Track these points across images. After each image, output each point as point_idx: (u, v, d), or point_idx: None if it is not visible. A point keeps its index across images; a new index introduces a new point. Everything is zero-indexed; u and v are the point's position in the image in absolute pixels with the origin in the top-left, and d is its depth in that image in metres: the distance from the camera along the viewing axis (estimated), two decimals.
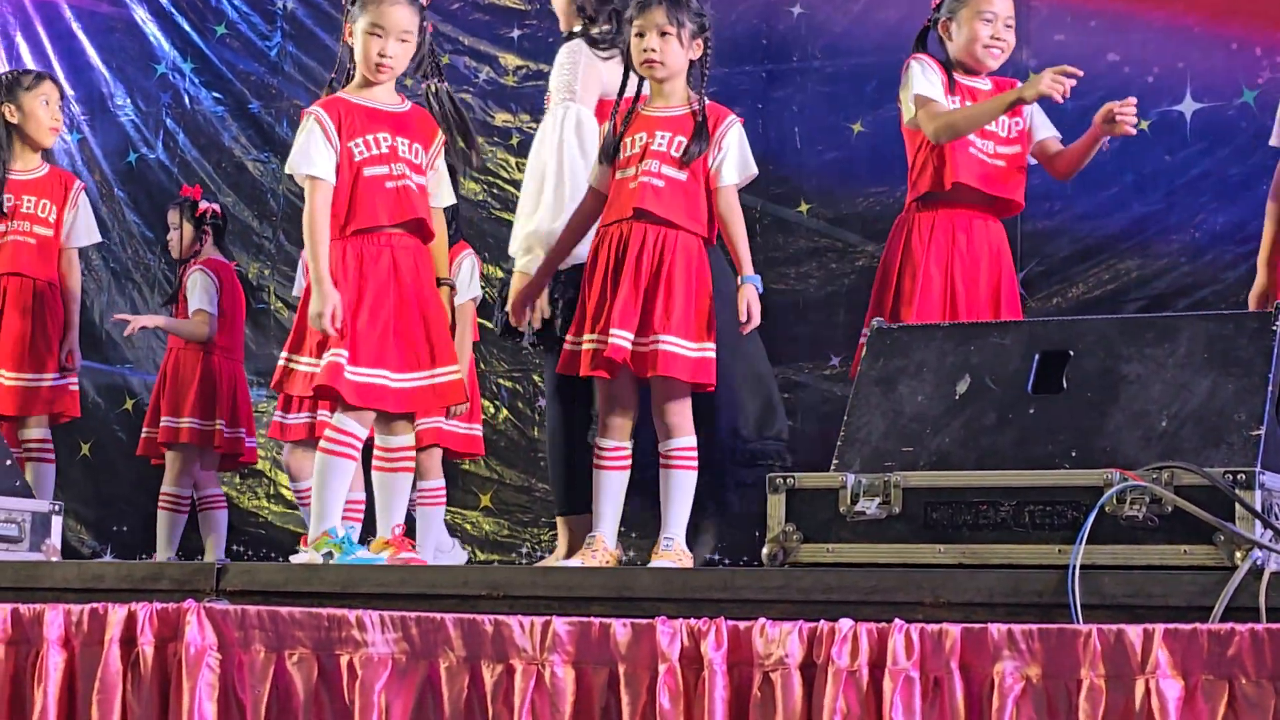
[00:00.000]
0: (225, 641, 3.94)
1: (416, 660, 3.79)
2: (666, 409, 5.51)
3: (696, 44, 5.61)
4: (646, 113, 5.65)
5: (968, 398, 3.86)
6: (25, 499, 5.30)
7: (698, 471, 5.50)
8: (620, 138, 5.62)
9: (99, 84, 9.62)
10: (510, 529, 8.58)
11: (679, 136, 5.53)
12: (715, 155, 5.52)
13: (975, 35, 5.79)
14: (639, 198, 5.47)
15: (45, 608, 4.10)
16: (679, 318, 5.40)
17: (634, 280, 5.44)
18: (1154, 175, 7.43)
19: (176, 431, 7.90)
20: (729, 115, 5.60)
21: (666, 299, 5.41)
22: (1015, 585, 3.48)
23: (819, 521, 3.78)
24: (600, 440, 5.56)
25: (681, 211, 5.49)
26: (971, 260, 5.70)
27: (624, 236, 5.50)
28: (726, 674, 3.51)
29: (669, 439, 5.51)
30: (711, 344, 5.46)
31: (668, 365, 5.39)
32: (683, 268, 5.45)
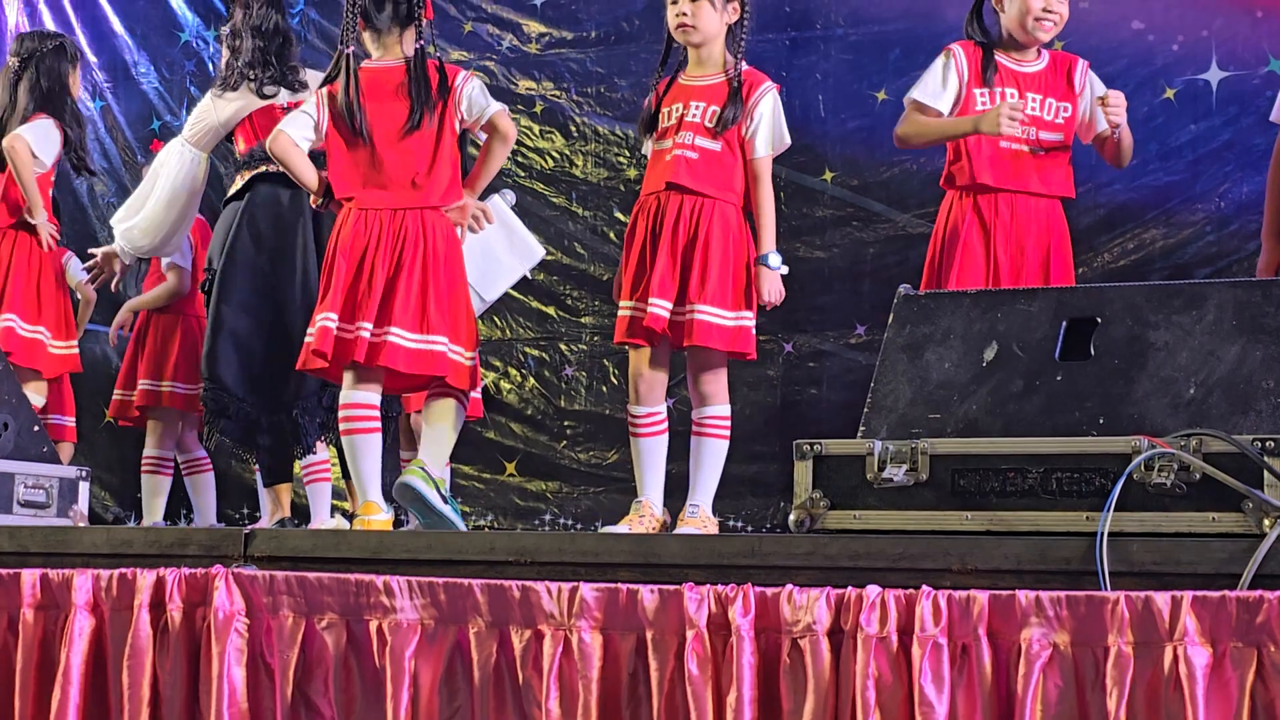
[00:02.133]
0: (254, 607, 3.96)
1: (445, 626, 3.79)
2: (702, 378, 5.53)
3: (732, 7, 5.61)
4: (684, 82, 5.66)
5: (995, 365, 3.85)
6: (52, 465, 5.32)
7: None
8: (658, 109, 5.63)
9: (122, 51, 9.63)
10: (535, 496, 8.59)
11: (713, 106, 5.53)
12: (748, 125, 5.52)
13: (1028, 7, 5.66)
14: (672, 171, 5.49)
15: (74, 573, 4.11)
16: (714, 287, 5.42)
17: (670, 250, 5.45)
18: (1179, 145, 7.42)
19: (157, 395, 7.87)
20: (764, 83, 5.59)
21: (703, 269, 5.42)
22: (1043, 552, 3.47)
23: (846, 488, 3.78)
24: (633, 407, 5.57)
25: (715, 182, 5.50)
26: (1015, 236, 5.62)
27: (661, 207, 5.51)
28: (754, 640, 3.51)
29: (703, 406, 5.53)
30: (749, 313, 5.47)
31: (704, 335, 5.41)
32: (719, 237, 5.46)
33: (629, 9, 8.61)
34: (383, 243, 5.36)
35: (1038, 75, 5.69)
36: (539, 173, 8.67)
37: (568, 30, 8.77)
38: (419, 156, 5.43)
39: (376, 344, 5.31)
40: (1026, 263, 5.57)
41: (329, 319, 5.34)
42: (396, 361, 5.30)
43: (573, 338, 8.50)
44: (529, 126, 8.69)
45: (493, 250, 6.17)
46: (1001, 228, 5.61)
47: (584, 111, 8.62)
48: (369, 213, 5.41)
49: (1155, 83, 7.45)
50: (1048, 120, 5.65)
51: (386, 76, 5.47)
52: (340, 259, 5.39)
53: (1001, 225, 5.61)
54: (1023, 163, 5.62)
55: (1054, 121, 5.66)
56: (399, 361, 5.30)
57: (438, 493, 5.31)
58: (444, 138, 5.45)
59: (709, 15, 5.59)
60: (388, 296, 5.33)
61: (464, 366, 5.42)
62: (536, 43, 8.83)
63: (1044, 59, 5.74)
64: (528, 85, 8.78)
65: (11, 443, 5.23)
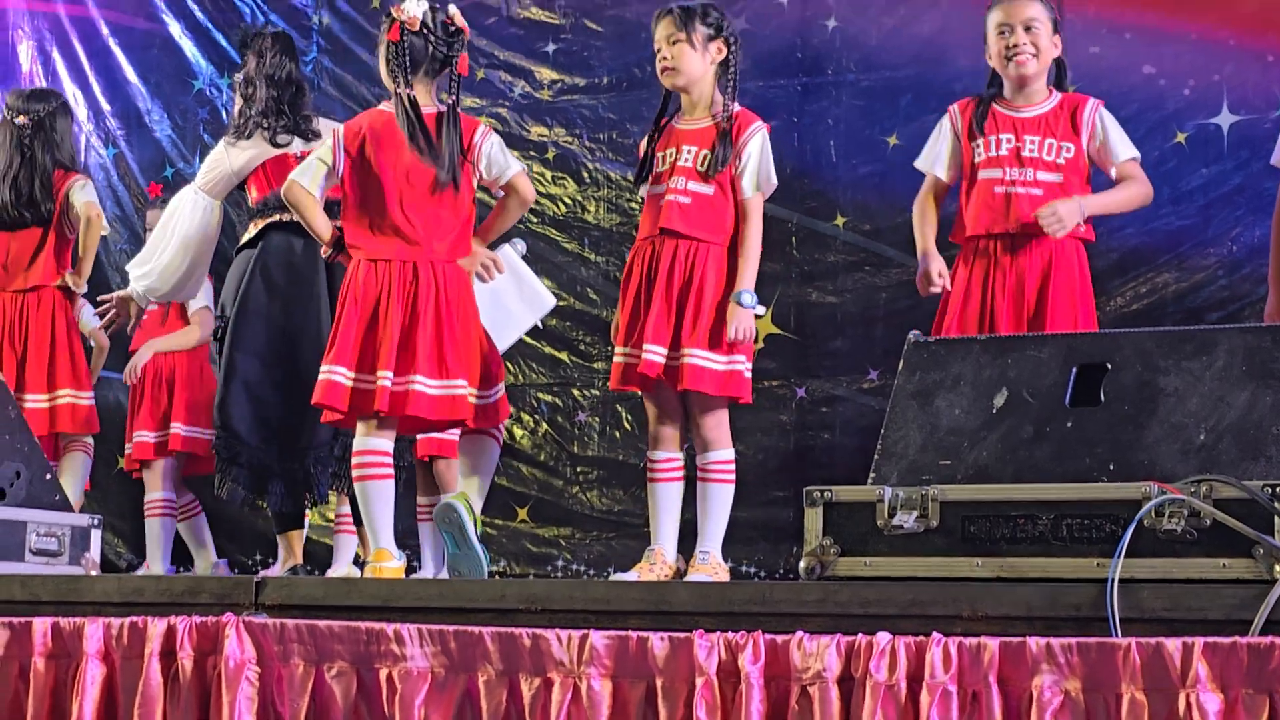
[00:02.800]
0: (264, 655, 3.95)
1: (455, 674, 3.79)
2: (702, 422, 5.53)
3: (716, 46, 5.62)
4: (678, 126, 5.68)
5: (1005, 411, 3.85)
6: (65, 513, 5.32)
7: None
8: (651, 154, 5.65)
9: (135, 99, 9.66)
10: (546, 542, 8.58)
11: (704, 150, 5.55)
12: (737, 165, 5.54)
13: (995, 50, 5.74)
14: (665, 216, 5.51)
15: (85, 621, 4.11)
16: (705, 331, 5.42)
17: (665, 295, 5.46)
18: (1190, 189, 7.42)
19: (166, 439, 7.84)
20: (754, 123, 5.59)
21: (695, 313, 5.44)
22: (1053, 598, 3.47)
23: (856, 535, 3.78)
24: (651, 453, 5.58)
25: (708, 226, 5.51)
26: (1014, 279, 5.62)
27: (655, 252, 5.54)
28: (764, 688, 3.50)
29: (705, 451, 5.53)
30: (741, 356, 5.47)
31: (696, 379, 5.41)
32: (713, 281, 5.48)
33: (640, 55, 8.63)
34: (395, 292, 5.37)
35: (1038, 118, 5.71)
36: (551, 219, 8.68)
37: (580, 76, 8.80)
38: (432, 208, 5.44)
39: (400, 393, 5.32)
40: (1026, 304, 5.58)
41: (338, 372, 5.36)
42: (422, 409, 5.33)
43: (585, 383, 8.51)
44: (541, 173, 8.70)
45: (503, 300, 6.19)
46: (1000, 273, 5.63)
47: (596, 157, 8.64)
48: (379, 263, 5.42)
49: (1167, 127, 7.46)
50: (1047, 161, 5.67)
51: (407, 125, 5.49)
52: (351, 310, 5.40)
53: (1000, 270, 5.63)
54: (1019, 205, 5.64)
55: (1054, 162, 5.67)
56: (424, 409, 5.33)
57: (475, 528, 5.35)
58: (460, 191, 5.47)
59: (689, 57, 5.60)
60: (406, 345, 5.34)
61: (483, 407, 5.45)
62: (548, 89, 8.85)
63: (1053, 100, 5.75)
64: (540, 131, 8.81)
65: (24, 491, 5.23)
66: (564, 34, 8.87)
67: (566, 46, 8.86)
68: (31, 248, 7.26)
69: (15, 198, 7.22)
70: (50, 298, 7.28)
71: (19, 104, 7.39)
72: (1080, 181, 5.71)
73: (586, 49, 8.82)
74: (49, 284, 7.29)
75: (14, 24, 9.92)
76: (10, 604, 4.39)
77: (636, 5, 8.69)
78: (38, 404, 7.12)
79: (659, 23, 5.66)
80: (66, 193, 7.26)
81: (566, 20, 8.87)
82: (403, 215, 5.44)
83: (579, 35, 8.83)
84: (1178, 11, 7.49)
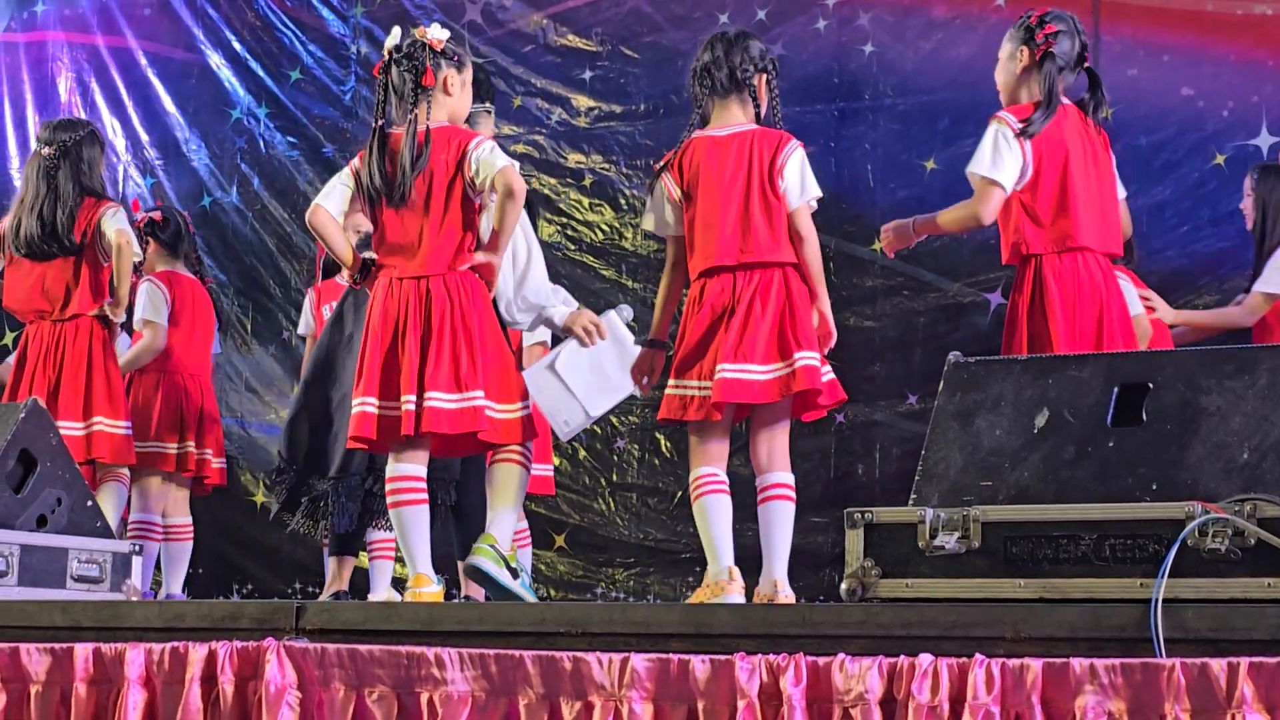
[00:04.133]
0: (305, 680, 3.95)
1: (496, 698, 3.78)
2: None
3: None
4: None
5: (1046, 431, 3.84)
6: (106, 539, 5.33)
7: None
8: None
9: (173, 129, 9.72)
10: (585, 570, 8.58)
11: None
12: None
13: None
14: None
15: (127, 647, 4.11)
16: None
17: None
18: (1230, 210, 7.40)
19: (140, 457, 7.74)
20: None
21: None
22: (1097, 619, 3.45)
23: (898, 556, 3.76)
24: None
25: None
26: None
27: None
28: (806, 710, 3.49)
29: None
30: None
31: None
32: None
33: (677, 82, 8.64)
34: (411, 313, 5.37)
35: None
36: (589, 245, 8.70)
37: (616, 104, 8.81)
38: (424, 223, 5.44)
39: (420, 412, 5.31)
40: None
41: (368, 404, 5.37)
42: (440, 425, 5.30)
43: (624, 410, 8.50)
44: (578, 200, 8.72)
45: (602, 366, 6.17)
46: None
47: (633, 184, 8.66)
48: (394, 282, 5.43)
49: (1206, 149, 7.45)
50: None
51: (395, 145, 5.51)
52: (373, 340, 5.41)
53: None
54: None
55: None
56: (442, 424, 5.31)
57: (507, 568, 5.31)
58: (451, 204, 5.45)
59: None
60: (422, 364, 5.34)
61: (504, 421, 5.41)
62: (585, 116, 8.87)
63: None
64: (577, 159, 8.83)
65: (65, 518, 5.25)
66: (601, 61, 8.89)
67: (603, 74, 8.88)
68: (66, 277, 7.27)
69: (41, 229, 7.23)
70: (87, 326, 7.28)
71: (46, 134, 7.40)
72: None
73: (623, 76, 8.84)
74: (85, 313, 7.30)
75: (54, 56, 9.98)
76: (52, 630, 4.39)
77: (673, 32, 8.71)
78: (73, 431, 7.12)
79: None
80: (98, 221, 7.26)
81: (604, 48, 8.89)
82: (402, 234, 5.45)
83: (616, 62, 8.86)
84: (1215, 33, 7.48)
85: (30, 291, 7.29)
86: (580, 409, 6.07)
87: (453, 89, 5.59)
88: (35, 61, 10.00)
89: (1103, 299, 5.52)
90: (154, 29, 9.83)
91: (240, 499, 9.29)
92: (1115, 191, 5.67)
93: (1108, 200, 5.64)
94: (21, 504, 5.15)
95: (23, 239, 7.24)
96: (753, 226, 5.47)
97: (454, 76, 5.59)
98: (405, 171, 5.42)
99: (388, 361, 5.39)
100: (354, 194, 5.52)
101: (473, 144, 5.47)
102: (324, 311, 7.91)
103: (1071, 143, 5.62)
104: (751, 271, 5.46)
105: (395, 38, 5.56)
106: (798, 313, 5.42)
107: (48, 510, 5.22)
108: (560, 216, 8.70)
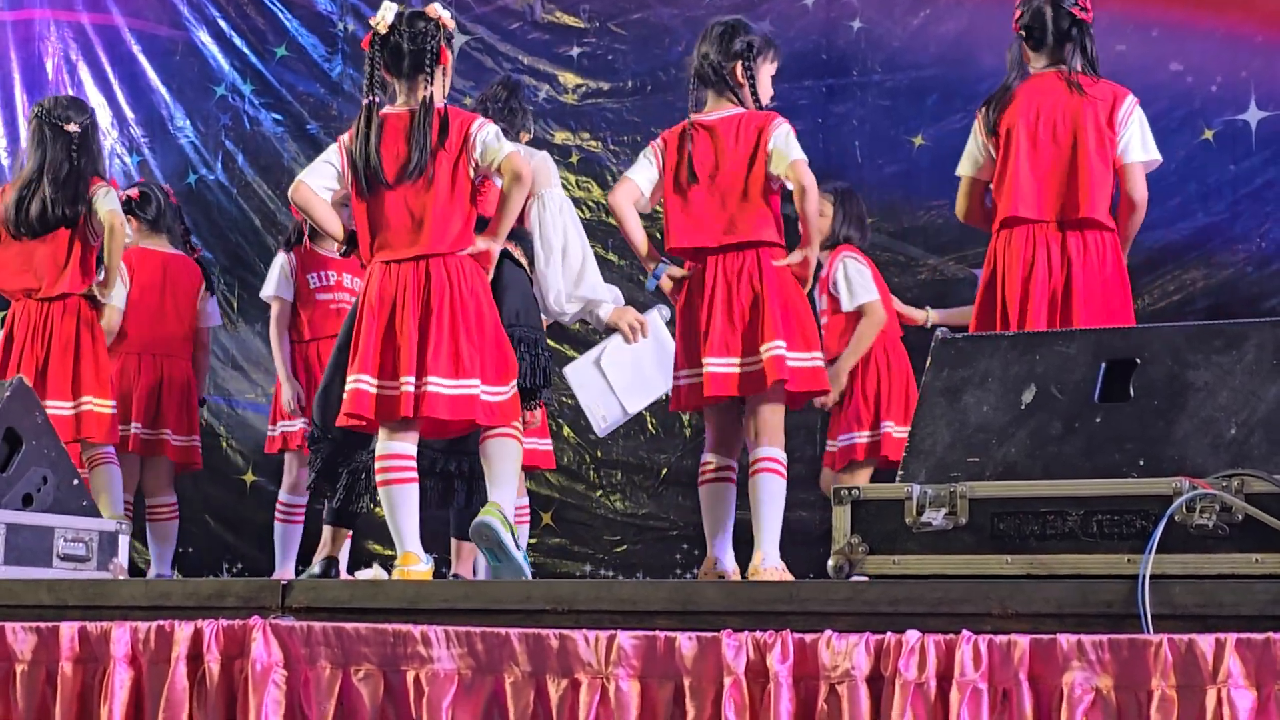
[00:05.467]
0: (291, 658, 3.94)
1: (482, 675, 3.78)
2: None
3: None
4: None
5: (1033, 407, 3.83)
6: (92, 518, 5.32)
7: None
8: None
9: (159, 106, 9.69)
10: (573, 546, 8.57)
11: None
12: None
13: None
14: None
15: (112, 625, 4.10)
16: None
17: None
18: (1218, 185, 7.40)
19: (124, 440, 7.76)
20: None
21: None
22: (1084, 595, 3.44)
23: (885, 533, 3.76)
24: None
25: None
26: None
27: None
28: (792, 687, 3.49)
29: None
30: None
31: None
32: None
33: (665, 59, 8.63)
34: (409, 295, 5.35)
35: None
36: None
37: (604, 81, 8.80)
38: (430, 203, 5.40)
39: (418, 395, 5.31)
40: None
41: (364, 382, 5.35)
42: (438, 410, 5.31)
43: None
44: (566, 177, 8.70)
45: (642, 364, 6.22)
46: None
47: (620, 161, 8.64)
48: (391, 266, 5.41)
49: (1194, 123, 7.44)
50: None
51: (399, 123, 5.48)
52: (369, 318, 5.39)
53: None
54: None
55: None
56: (440, 409, 5.31)
57: (512, 537, 5.35)
58: (456, 184, 5.43)
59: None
60: (421, 347, 5.32)
61: (498, 404, 5.42)
62: (573, 93, 8.86)
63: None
64: (564, 136, 8.81)
65: (51, 496, 5.23)
66: (588, 38, 8.87)
67: (591, 50, 8.87)
68: (56, 255, 7.24)
69: (54, 205, 7.18)
70: (74, 305, 7.26)
71: (64, 112, 7.33)
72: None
73: (611, 53, 8.82)
74: (74, 292, 7.27)
75: (40, 34, 9.95)
76: (38, 609, 4.39)
77: (661, 9, 8.69)
78: (62, 411, 7.10)
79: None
80: (91, 200, 7.23)
81: (591, 24, 8.88)
82: (397, 210, 5.42)
83: (603, 39, 8.84)
84: (1204, 8, 7.47)
85: (19, 269, 7.26)
86: (619, 405, 6.13)
87: (449, 70, 5.59)
88: (22, 40, 9.96)
89: (1029, 271, 5.68)
90: (139, 6, 9.79)
91: (230, 478, 9.29)
92: (1090, 153, 5.69)
93: (1075, 166, 5.69)
94: (7, 483, 5.15)
95: (27, 215, 7.19)
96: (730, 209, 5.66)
97: (449, 57, 5.58)
98: (423, 150, 5.39)
99: (385, 341, 5.38)
100: (340, 172, 5.50)
101: (475, 125, 5.46)
102: (309, 280, 7.90)
103: (1020, 116, 5.69)
104: (727, 255, 5.66)
105: (390, 12, 5.51)
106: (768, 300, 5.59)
107: (33, 489, 5.21)
108: None
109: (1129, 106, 5.68)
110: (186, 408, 8.04)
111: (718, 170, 5.74)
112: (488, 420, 5.43)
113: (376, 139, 5.44)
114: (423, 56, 5.48)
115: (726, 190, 5.72)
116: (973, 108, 5.97)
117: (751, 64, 5.84)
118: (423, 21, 5.51)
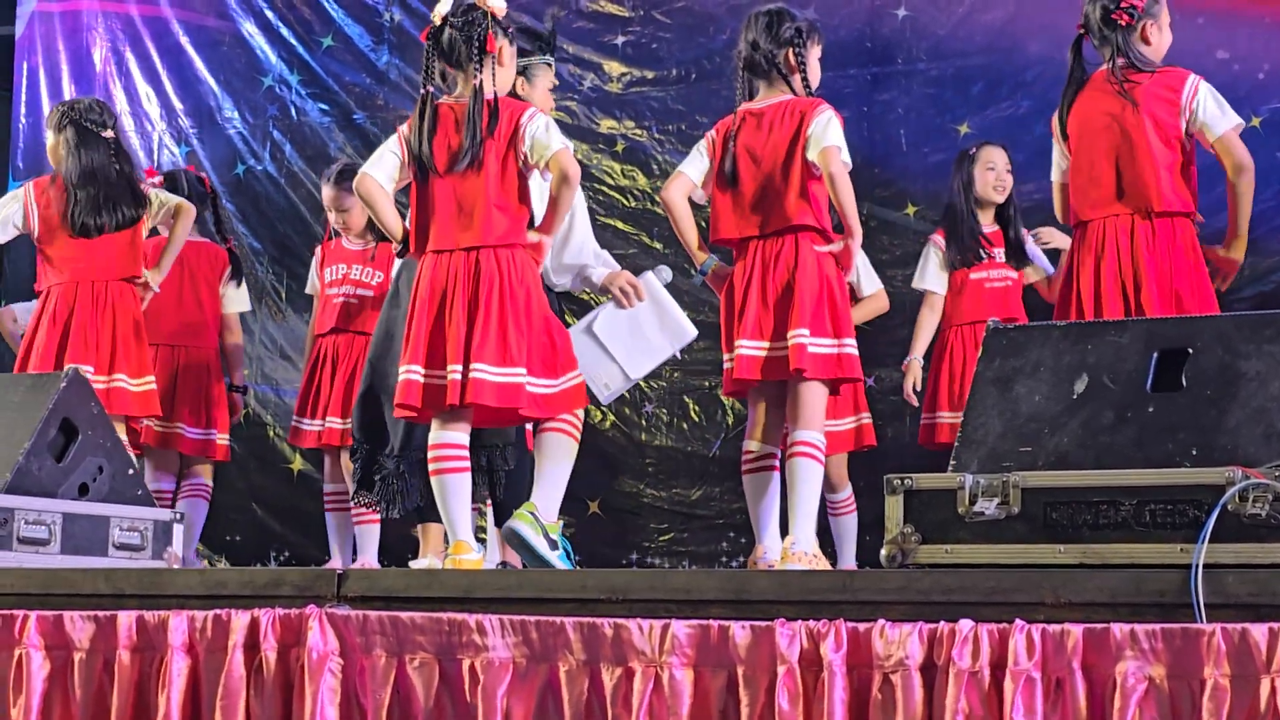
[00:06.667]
0: (347, 647, 3.97)
1: (537, 664, 3.80)
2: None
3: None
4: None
5: (1086, 397, 3.84)
6: (147, 508, 5.36)
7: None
8: None
9: (207, 97, 9.72)
10: (619, 534, 8.59)
11: None
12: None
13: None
14: None
15: (170, 614, 4.14)
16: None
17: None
18: (1265, 172, 7.36)
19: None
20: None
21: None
22: (1137, 585, 3.45)
23: (937, 522, 3.78)
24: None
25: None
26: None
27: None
28: (846, 676, 3.50)
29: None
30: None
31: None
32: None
33: (709, 47, 8.64)
34: (459, 285, 5.35)
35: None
36: (621, 211, 8.70)
37: (649, 69, 8.80)
38: (480, 193, 5.40)
39: (465, 383, 5.32)
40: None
41: (414, 372, 5.37)
42: (484, 396, 5.30)
43: (652, 374, 8.49)
44: (610, 166, 8.71)
45: (642, 328, 6.17)
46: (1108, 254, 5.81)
47: (665, 149, 8.65)
48: (442, 255, 5.42)
49: (1241, 111, 7.37)
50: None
51: (451, 113, 5.48)
52: (421, 310, 5.40)
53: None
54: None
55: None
56: (486, 396, 5.30)
57: (545, 538, 5.32)
58: (506, 175, 5.43)
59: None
60: (469, 335, 5.33)
61: (546, 396, 5.42)
62: (618, 82, 8.86)
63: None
64: (609, 125, 8.82)
65: (107, 486, 5.27)
66: (633, 26, 8.87)
67: (635, 39, 8.86)
68: (118, 244, 7.26)
69: (114, 202, 7.21)
70: (129, 291, 7.29)
71: (99, 116, 7.33)
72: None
73: (655, 41, 8.82)
74: (136, 277, 7.31)
75: (88, 25, 9.99)
76: (95, 597, 4.42)
77: None
78: (143, 387, 7.22)
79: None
80: (149, 196, 7.33)
81: (635, 13, 8.87)
82: (449, 200, 5.43)
83: (648, 27, 8.84)
84: None
85: (70, 260, 7.27)
86: (619, 372, 6.07)
87: (505, 60, 5.57)
88: (70, 31, 10.00)
89: (1097, 265, 5.81)
90: None
91: (277, 467, 9.32)
92: (1150, 145, 5.76)
93: (1132, 162, 5.83)
94: (63, 473, 5.18)
95: (97, 214, 7.21)
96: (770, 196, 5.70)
97: (507, 48, 5.58)
98: (475, 139, 5.39)
99: (435, 331, 5.39)
100: (403, 162, 5.51)
101: (525, 116, 5.45)
102: (326, 273, 7.94)
103: (1082, 117, 5.92)
104: (767, 240, 5.70)
105: (447, 3, 5.52)
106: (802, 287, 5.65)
107: (89, 479, 5.25)
108: (592, 183, 8.68)
109: (1191, 85, 5.80)
110: (205, 400, 7.98)
111: (763, 157, 5.76)
112: (533, 411, 5.41)
113: (430, 129, 5.45)
114: (471, 45, 5.49)
115: (770, 176, 5.73)
116: (1019, 96, 6.01)
117: (802, 49, 5.85)
118: (473, 11, 5.52)
